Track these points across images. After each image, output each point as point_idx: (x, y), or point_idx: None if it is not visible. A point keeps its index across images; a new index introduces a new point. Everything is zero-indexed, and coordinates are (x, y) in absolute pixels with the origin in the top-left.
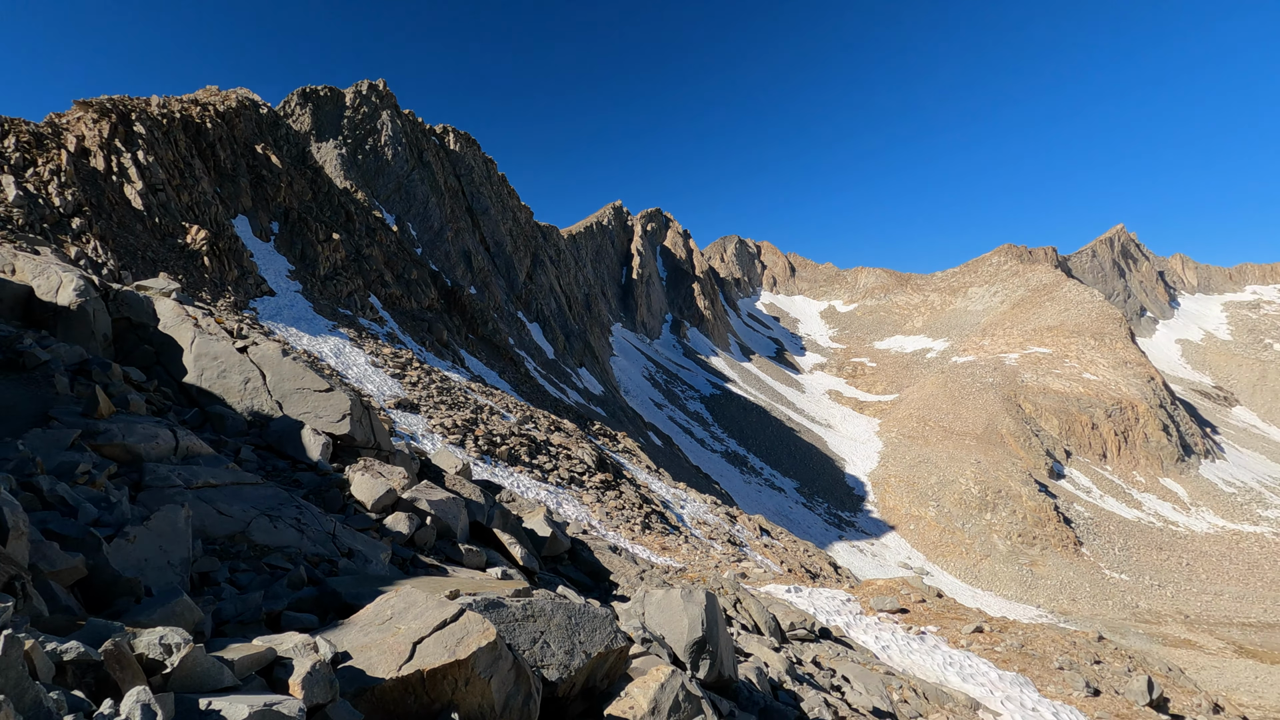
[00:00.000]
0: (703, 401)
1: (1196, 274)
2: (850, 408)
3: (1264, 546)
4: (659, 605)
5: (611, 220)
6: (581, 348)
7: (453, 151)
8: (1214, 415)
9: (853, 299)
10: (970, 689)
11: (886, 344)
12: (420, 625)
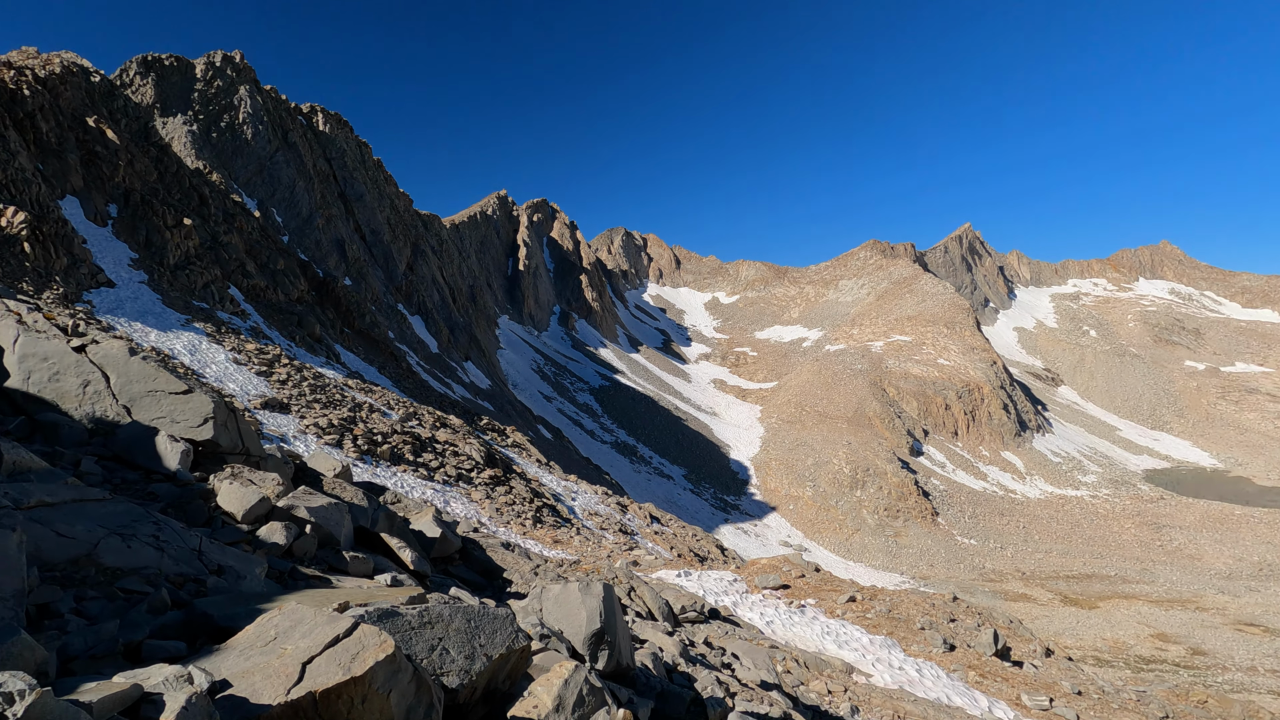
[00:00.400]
0: (592, 393)
1: (1030, 269)
2: (734, 396)
3: (1083, 508)
4: (556, 600)
5: (496, 210)
6: (467, 341)
7: (322, 133)
8: (1044, 394)
9: (735, 291)
10: (845, 655)
11: (767, 334)
12: (309, 643)
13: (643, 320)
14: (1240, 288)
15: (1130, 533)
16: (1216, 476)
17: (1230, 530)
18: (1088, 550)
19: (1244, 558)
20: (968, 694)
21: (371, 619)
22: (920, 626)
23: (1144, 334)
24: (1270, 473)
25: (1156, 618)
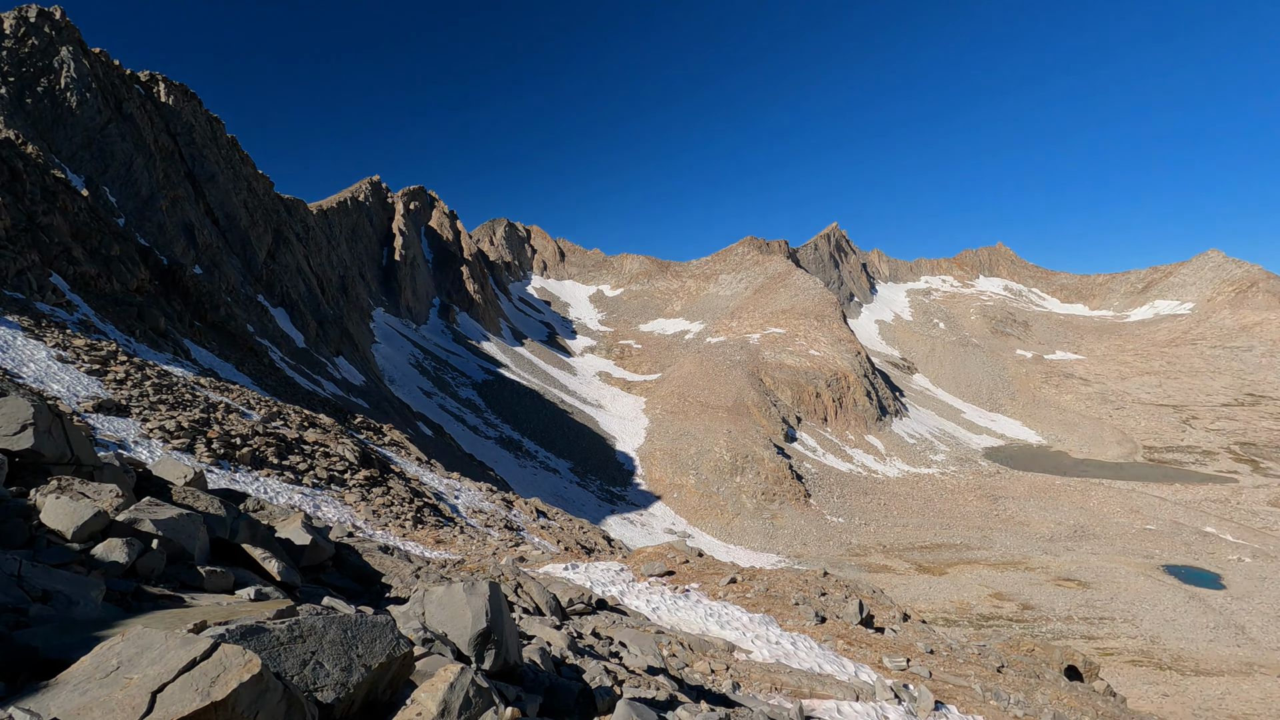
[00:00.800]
0: (475, 388)
1: (889, 266)
2: (619, 388)
3: (934, 484)
4: (440, 602)
5: (369, 196)
6: (338, 335)
7: (165, 105)
8: (901, 381)
9: (619, 284)
10: (727, 634)
11: (650, 326)
12: (160, 670)
13: (527, 313)
14: (1059, 285)
15: (973, 504)
16: (1041, 451)
17: (1052, 498)
18: (938, 522)
19: (1062, 521)
20: (837, 661)
21: (234, 637)
22: (795, 602)
23: (983, 326)
24: (1083, 447)
25: (994, 579)
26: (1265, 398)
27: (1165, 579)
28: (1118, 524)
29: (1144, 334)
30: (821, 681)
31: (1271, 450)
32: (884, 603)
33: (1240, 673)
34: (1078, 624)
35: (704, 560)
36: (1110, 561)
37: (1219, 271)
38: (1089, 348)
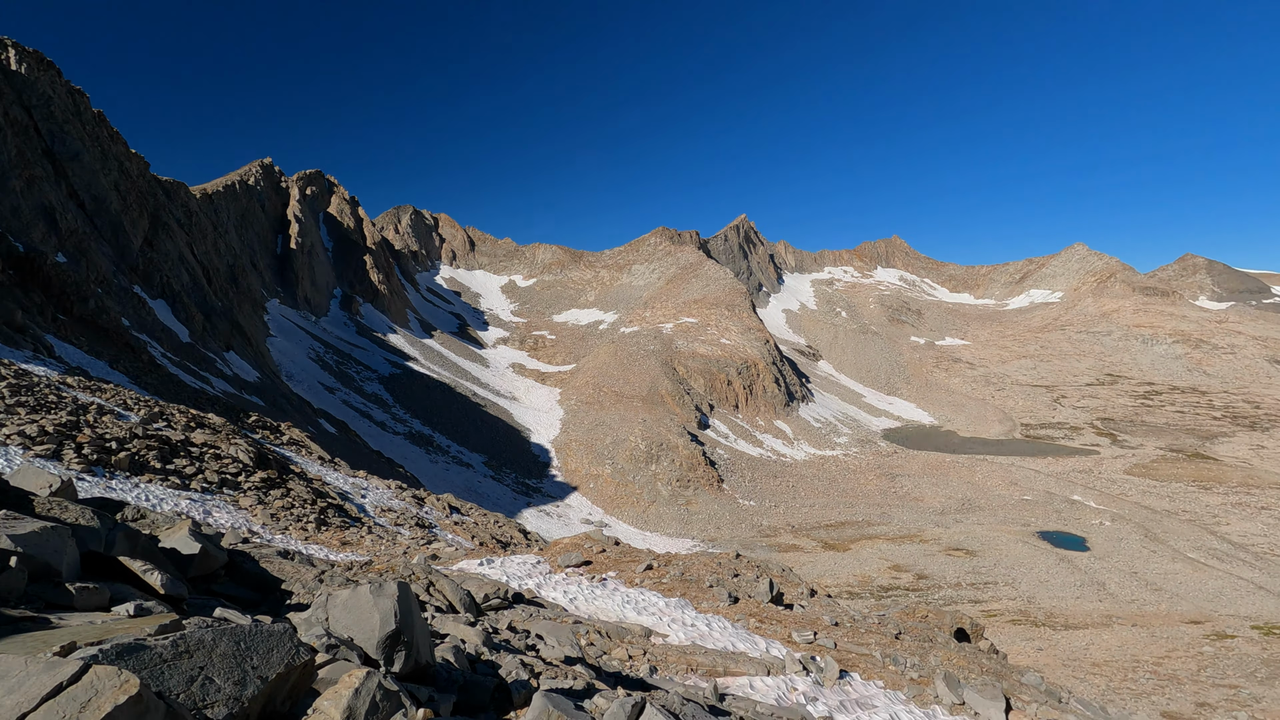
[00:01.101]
0: (381, 382)
1: (795, 257)
2: (533, 379)
3: (838, 465)
4: (345, 606)
5: (260, 180)
6: (228, 328)
7: (17, 75)
8: (807, 368)
9: (532, 274)
10: (644, 620)
11: (564, 317)
12: (20, 699)
13: (436, 304)
14: (948, 276)
15: (873, 483)
16: (933, 431)
17: (943, 475)
18: (842, 501)
19: (952, 496)
20: (749, 639)
21: (108, 658)
22: (709, 584)
23: (881, 314)
24: (969, 425)
25: (892, 552)
26: (1122, 377)
27: (1040, 544)
28: (999, 496)
29: (1021, 321)
30: (735, 659)
31: (1127, 424)
32: (793, 580)
33: (1101, 624)
34: (966, 589)
35: (621, 549)
36: (993, 531)
37: (1084, 263)
38: (974, 334)
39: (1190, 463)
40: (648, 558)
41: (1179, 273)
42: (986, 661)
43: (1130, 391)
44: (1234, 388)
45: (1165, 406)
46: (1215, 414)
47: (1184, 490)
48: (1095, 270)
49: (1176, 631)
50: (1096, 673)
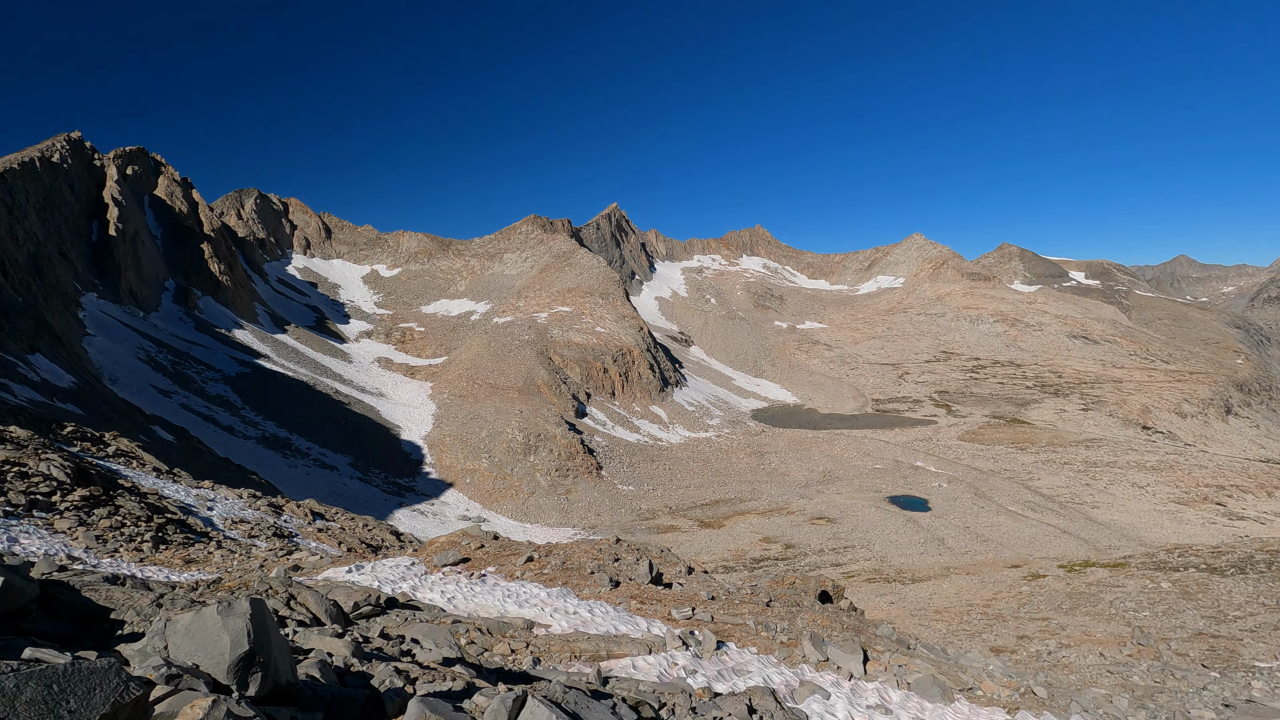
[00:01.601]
0: (228, 382)
1: (665, 245)
2: (402, 374)
3: (711, 446)
4: (188, 631)
5: (68, 158)
6: (31, 327)
7: None
8: (680, 354)
9: (396, 263)
10: (526, 612)
11: (433, 308)
12: None
13: (289, 296)
14: (807, 263)
15: (744, 461)
16: (797, 410)
17: (806, 450)
18: (715, 481)
19: (814, 469)
20: (631, 620)
21: None
22: (591, 571)
23: (748, 300)
24: (828, 403)
25: (763, 526)
26: (954, 354)
27: (890, 508)
28: (855, 466)
29: (870, 305)
30: (618, 642)
31: (959, 396)
32: (671, 560)
33: (941, 576)
34: (828, 554)
35: (500, 543)
36: (851, 499)
37: (921, 252)
38: (830, 318)
39: (1009, 427)
40: (528, 550)
41: (998, 260)
42: (847, 619)
43: (961, 366)
44: (1042, 360)
45: (989, 379)
46: (1028, 384)
47: (1005, 452)
48: (931, 258)
49: (1001, 576)
50: (938, 619)
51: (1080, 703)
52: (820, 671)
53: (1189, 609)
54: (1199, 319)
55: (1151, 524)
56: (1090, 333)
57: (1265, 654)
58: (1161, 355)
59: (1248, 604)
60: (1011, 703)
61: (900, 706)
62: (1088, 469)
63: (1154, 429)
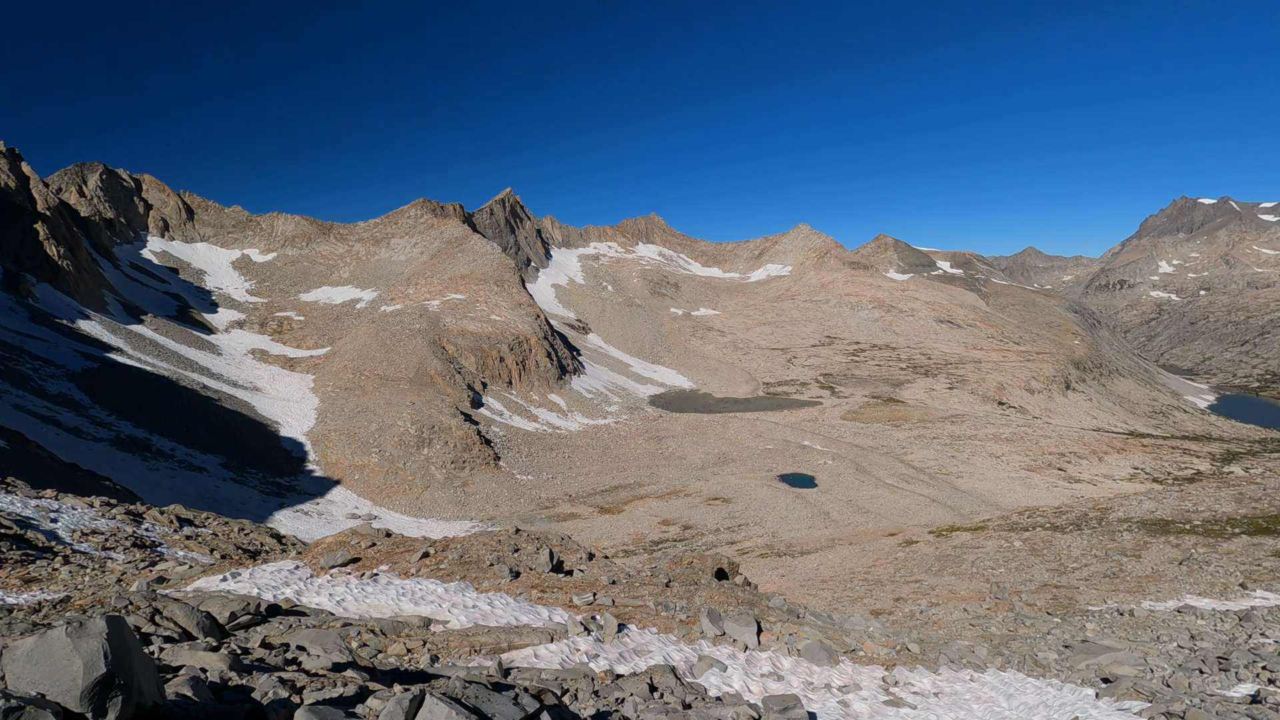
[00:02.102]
0: (72, 379)
1: (561, 232)
2: (280, 366)
3: (610, 433)
4: (30, 657)
5: None
6: None
7: None
8: (578, 341)
9: (271, 248)
10: (422, 610)
11: (314, 295)
12: None
13: (145, 283)
14: (700, 252)
15: (642, 447)
16: (693, 394)
17: (702, 433)
18: (614, 467)
19: (710, 451)
20: (532, 610)
21: None
22: (490, 563)
23: (644, 288)
24: (723, 387)
25: (661, 508)
26: (837, 339)
27: (780, 486)
28: (748, 447)
29: (761, 292)
30: (519, 633)
31: (842, 378)
32: (572, 547)
33: (827, 547)
34: (724, 533)
35: (393, 540)
36: (744, 479)
37: (807, 242)
38: (724, 304)
39: (886, 406)
40: (423, 545)
41: (875, 250)
42: (741, 594)
43: (844, 350)
44: (913, 343)
45: (868, 361)
46: (902, 365)
47: (882, 429)
48: (815, 248)
49: (879, 544)
50: (825, 588)
51: (947, 654)
52: (718, 646)
53: (1036, 564)
54: (1044, 304)
55: (1006, 490)
56: (955, 318)
57: (1096, 599)
58: (1014, 337)
59: (1083, 556)
60: (889, 660)
61: (791, 672)
62: (953, 442)
63: (1008, 404)
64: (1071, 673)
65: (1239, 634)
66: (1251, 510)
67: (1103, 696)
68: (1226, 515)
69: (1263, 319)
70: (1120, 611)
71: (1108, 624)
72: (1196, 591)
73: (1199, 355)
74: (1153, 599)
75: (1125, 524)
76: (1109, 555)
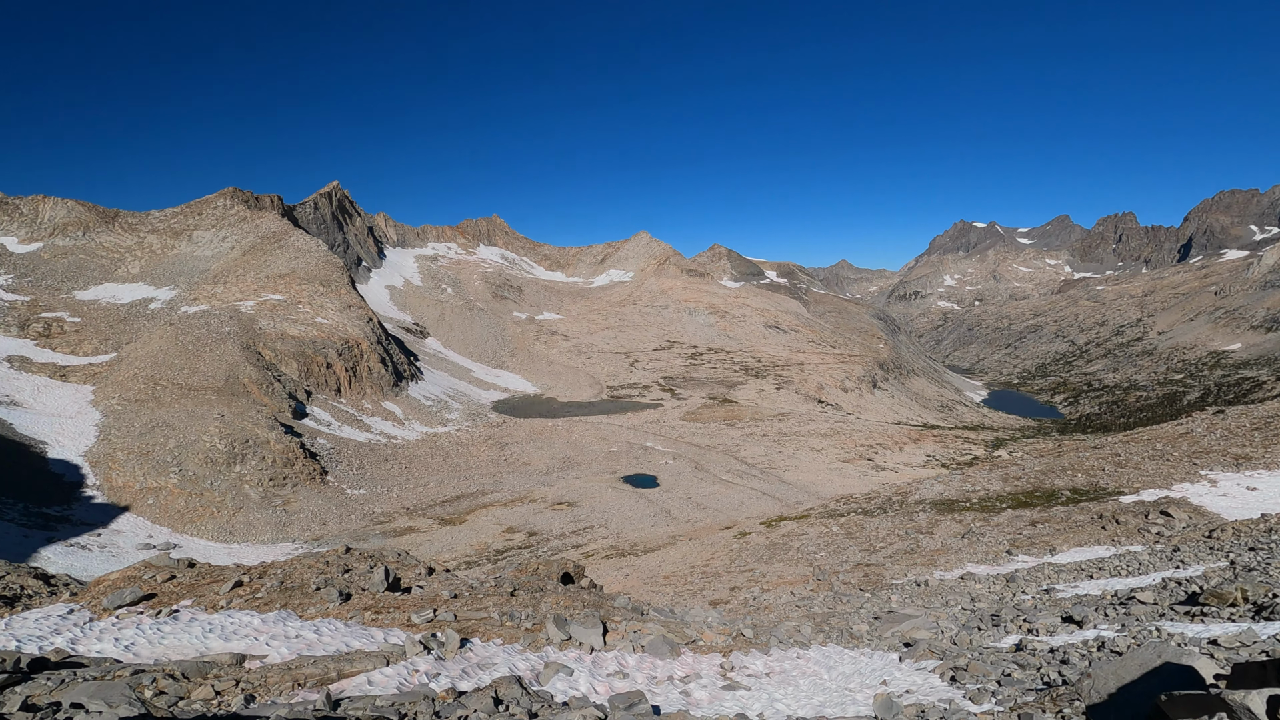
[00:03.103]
0: None
1: (396, 231)
2: (48, 376)
3: (451, 441)
4: None
5: None
6: None
7: None
8: (416, 346)
9: (35, 237)
10: (235, 646)
11: (94, 294)
12: None
13: None
14: (544, 255)
15: (485, 454)
16: (537, 399)
17: (546, 438)
18: (456, 476)
19: (555, 456)
20: (366, 634)
21: None
22: (316, 587)
23: (486, 291)
24: (567, 391)
25: (506, 516)
26: (676, 343)
27: (624, 487)
28: (593, 451)
29: (604, 297)
30: (350, 659)
31: (681, 380)
32: (410, 563)
33: (669, 544)
34: (570, 537)
35: (198, 570)
36: (589, 482)
37: (647, 249)
38: (567, 309)
39: (721, 406)
40: (236, 574)
41: (710, 259)
42: (588, 596)
43: (682, 354)
44: (745, 347)
45: (705, 364)
46: (735, 368)
47: (718, 428)
48: (655, 255)
49: (716, 538)
50: (667, 584)
51: (777, 636)
52: (564, 650)
53: (851, 546)
54: (855, 312)
55: (825, 480)
56: (781, 323)
57: (899, 573)
58: (831, 342)
59: (888, 536)
60: (726, 646)
61: (636, 669)
62: (780, 439)
63: (826, 402)
64: (880, 641)
65: (1006, 593)
66: (1015, 488)
67: (905, 659)
68: (996, 493)
69: (1020, 326)
70: (918, 583)
71: (908, 594)
72: (975, 560)
73: (975, 356)
74: (942, 569)
75: (920, 505)
76: (908, 534)
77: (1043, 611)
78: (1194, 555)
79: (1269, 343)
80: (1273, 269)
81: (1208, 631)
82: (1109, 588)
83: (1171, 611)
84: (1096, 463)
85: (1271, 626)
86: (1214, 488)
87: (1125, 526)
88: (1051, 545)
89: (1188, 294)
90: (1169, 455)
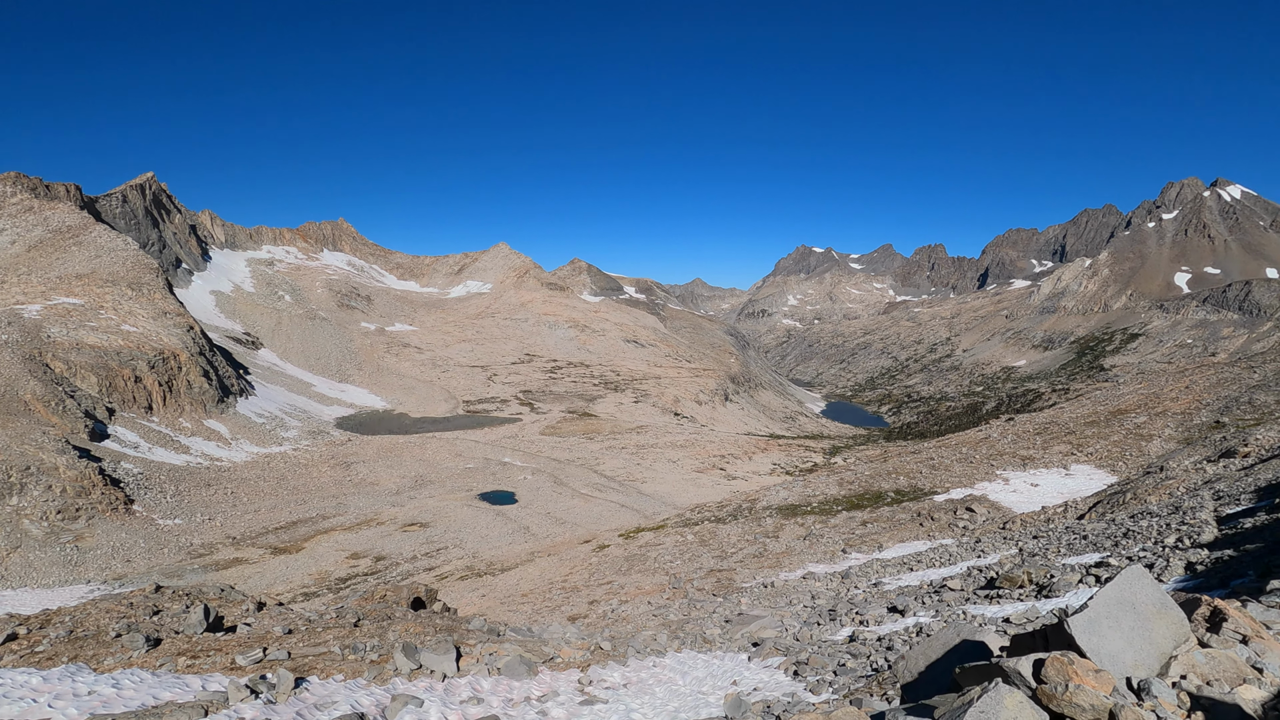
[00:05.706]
0: None
1: (224, 231)
2: None
3: (287, 461)
4: None
5: None
6: None
7: None
8: (246, 358)
9: None
10: (6, 711)
11: None
12: None
13: None
14: (396, 264)
15: (327, 474)
16: (387, 415)
17: (397, 456)
18: (293, 499)
19: (406, 474)
20: (179, 682)
21: None
22: (116, 634)
23: (330, 299)
24: (420, 406)
25: (350, 541)
26: (536, 356)
27: (481, 505)
28: (448, 468)
29: (460, 308)
30: (158, 715)
31: (540, 394)
32: (235, 599)
33: (527, 561)
34: (422, 560)
35: None
36: (443, 501)
37: (506, 261)
38: (421, 320)
39: (581, 420)
40: (9, 625)
41: (570, 273)
42: (440, 621)
43: (542, 367)
44: (605, 361)
45: (565, 378)
46: (595, 381)
47: (578, 442)
48: (515, 267)
49: (575, 552)
50: (525, 601)
51: (634, 646)
52: (414, 681)
53: (705, 553)
54: (709, 328)
55: (681, 490)
56: (639, 338)
57: (748, 577)
58: (686, 356)
59: (738, 542)
60: (584, 661)
61: (491, 693)
62: (639, 451)
63: (682, 414)
64: (731, 643)
65: (842, 589)
66: (849, 491)
67: (753, 658)
68: (833, 497)
69: (853, 343)
70: (765, 584)
71: (756, 596)
72: (815, 559)
73: (815, 371)
74: (787, 570)
75: (767, 511)
76: (757, 539)
77: (872, 604)
78: (992, 545)
79: (1046, 359)
80: (1048, 297)
81: (1002, 611)
82: (926, 578)
83: (975, 596)
84: (915, 466)
85: (1050, 603)
86: (1007, 485)
87: (939, 522)
88: (879, 542)
89: (985, 317)
90: (972, 458)
